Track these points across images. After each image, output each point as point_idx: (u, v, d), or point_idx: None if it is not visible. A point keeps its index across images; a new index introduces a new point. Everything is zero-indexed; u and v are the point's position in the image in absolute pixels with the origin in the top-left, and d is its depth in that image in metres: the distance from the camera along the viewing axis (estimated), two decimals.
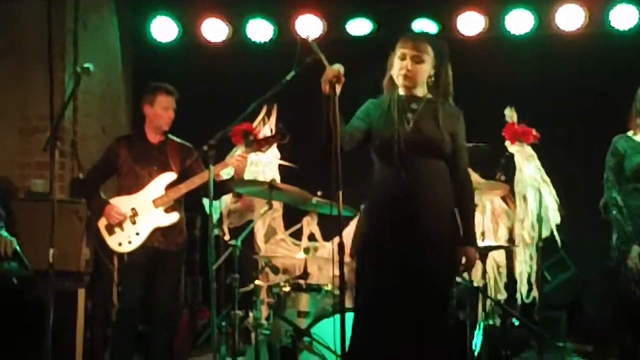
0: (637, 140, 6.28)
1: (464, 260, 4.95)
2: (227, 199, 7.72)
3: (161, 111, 6.89)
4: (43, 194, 7.60)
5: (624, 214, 6.15)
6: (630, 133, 6.33)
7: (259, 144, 6.92)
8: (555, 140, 8.38)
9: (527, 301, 7.79)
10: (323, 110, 4.72)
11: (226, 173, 6.94)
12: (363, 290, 4.97)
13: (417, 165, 4.81)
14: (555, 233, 7.71)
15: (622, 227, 6.15)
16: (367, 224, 5.01)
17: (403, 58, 4.95)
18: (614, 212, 6.19)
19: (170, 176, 6.84)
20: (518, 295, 7.81)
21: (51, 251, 5.63)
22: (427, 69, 4.98)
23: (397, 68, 4.96)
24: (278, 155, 7.66)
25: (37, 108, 8.33)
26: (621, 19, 8.84)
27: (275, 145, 7.06)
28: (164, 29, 9.49)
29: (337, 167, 4.45)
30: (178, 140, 7.05)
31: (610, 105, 8.29)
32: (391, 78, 5.04)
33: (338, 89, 4.62)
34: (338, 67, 4.69)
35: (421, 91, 5.02)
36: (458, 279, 6.96)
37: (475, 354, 6.52)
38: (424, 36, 5.26)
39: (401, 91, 5.01)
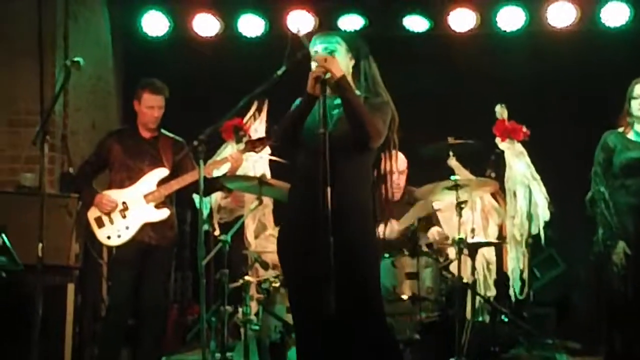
0: (627, 137, 6.30)
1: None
2: (217, 194, 7.71)
3: (146, 109, 6.88)
4: (32, 188, 7.57)
5: (611, 209, 6.17)
6: (621, 129, 6.35)
7: (253, 145, 6.94)
8: (546, 137, 8.40)
9: (520, 298, 7.80)
10: (301, 105, 4.73)
11: (219, 169, 6.94)
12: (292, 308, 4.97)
13: (336, 165, 4.47)
14: (541, 230, 7.72)
15: (608, 221, 6.17)
16: (282, 233, 4.97)
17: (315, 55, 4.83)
18: (602, 206, 6.21)
19: (162, 172, 6.83)
20: (511, 292, 7.81)
21: (40, 245, 5.61)
22: (341, 59, 4.81)
23: (314, 66, 4.75)
24: (268, 150, 7.65)
25: (27, 102, 8.29)
26: (612, 16, 8.86)
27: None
28: (155, 23, 9.46)
29: (325, 164, 4.41)
30: (171, 135, 7.04)
31: (601, 102, 8.32)
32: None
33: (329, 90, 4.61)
34: (325, 56, 4.67)
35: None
36: (447, 275, 6.99)
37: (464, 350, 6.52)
38: (333, 32, 5.13)
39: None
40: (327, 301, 4.27)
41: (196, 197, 7.18)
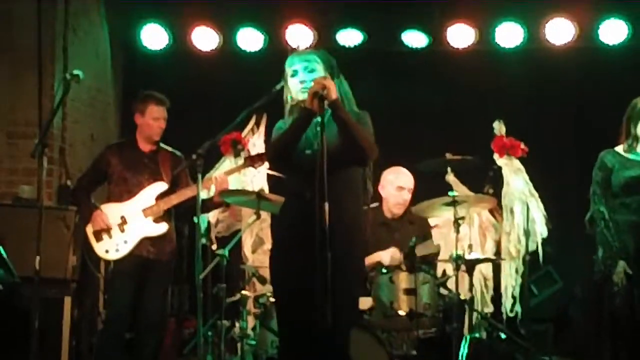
0: (625, 156, 6.29)
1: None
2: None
3: (152, 121, 6.88)
4: (30, 201, 7.57)
5: (611, 229, 6.16)
6: (618, 148, 6.34)
7: (252, 161, 6.94)
8: (544, 154, 8.40)
9: (510, 315, 7.80)
10: (299, 121, 4.73)
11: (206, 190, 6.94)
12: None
13: (327, 181, 4.43)
14: (539, 247, 7.72)
15: (608, 241, 6.16)
16: (274, 250, 4.98)
17: (294, 74, 4.85)
18: (601, 225, 6.20)
19: (161, 186, 6.83)
20: (503, 309, 7.81)
21: (37, 258, 5.61)
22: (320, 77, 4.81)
23: (294, 86, 4.82)
24: (267, 165, 7.65)
25: (26, 114, 8.29)
26: (611, 33, 8.87)
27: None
28: (154, 36, 9.46)
29: (323, 178, 4.41)
30: (170, 149, 7.04)
31: (599, 119, 8.34)
32: (292, 105, 4.87)
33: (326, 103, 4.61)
34: (325, 76, 4.70)
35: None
36: (444, 292, 6.98)
37: None
38: (309, 50, 5.14)
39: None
40: (323, 315, 4.28)
41: None
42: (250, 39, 9.37)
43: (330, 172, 4.48)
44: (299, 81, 4.81)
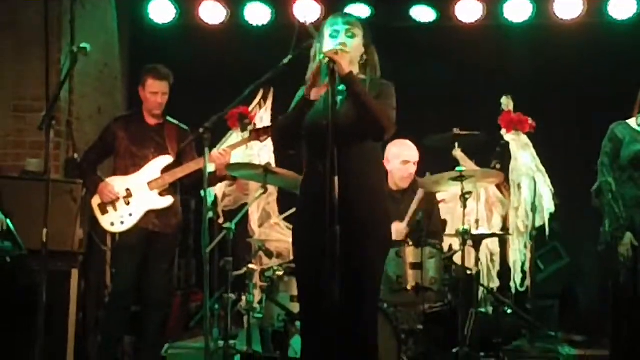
0: (636, 129, 6.17)
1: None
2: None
3: (149, 95, 6.88)
4: (37, 174, 7.57)
5: (618, 200, 6.09)
6: (630, 121, 6.24)
7: (258, 134, 6.93)
8: (552, 129, 8.38)
9: (521, 289, 7.81)
10: (296, 110, 4.75)
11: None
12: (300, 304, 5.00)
13: (344, 154, 4.45)
14: (546, 223, 7.72)
15: (614, 212, 6.09)
16: (295, 227, 4.98)
17: (335, 35, 4.78)
18: (609, 197, 6.11)
19: (166, 159, 6.83)
20: (512, 284, 7.82)
21: (45, 231, 5.62)
22: (359, 45, 4.80)
23: (330, 46, 4.71)
24: None
25: (33, 88, 8.28)
26: (619, 9, 8.83)
27: None
28: (161, 10, 9.44)
29: (333, 151, 4.40)
30: (176, 122, 7.04)
31: (607, 94, 8.31)
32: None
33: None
34: (336, 50, 4.62)
35: (354, 71, 4.77)
36: (451, 266, 6.98)
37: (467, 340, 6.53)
38: (350, 14, 5.09)
39: None
40: (331, 290, 4.28)
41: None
42: (257, 13, 9.34)
43: (348, 145, 4.51)
44: (339, 42, 4.72)
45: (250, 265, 6.80)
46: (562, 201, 7.74)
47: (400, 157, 7.23)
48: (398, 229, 6.88)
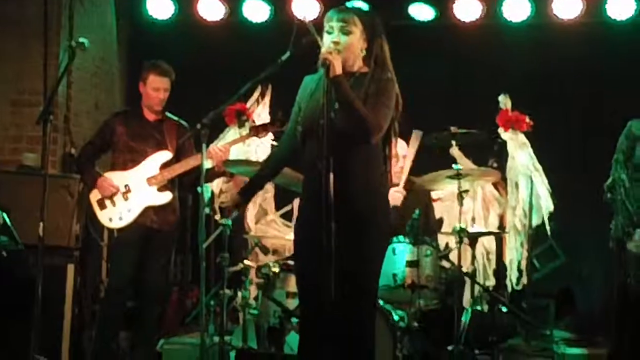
0: None
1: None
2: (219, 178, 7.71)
3: (151, 91, 6.88)
4: (34, 168, 7.59)
5: (630, 197, 6.04)
6: None
7: (256, 131, 6.93)
8: (549, 129, 8.39)
9: (517, 288, 7.82)
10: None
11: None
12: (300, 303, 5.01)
13: (342, 152, 4.50)
14: (546, 221, 7.72)
15: (627, 209, 6.04)
16: (295, 225, 5.02)
17: (330, 32, 4.78)
18: (622, 192, 6.07)
19: (165, 155, 6.83)
20: (508, 282, 7.83)
21: (41, 225, 5.63)
22: (356, 40, 4.78)
23: (326, 43, 4.72)
24: (271, 136, 7.65)
25: (31, 82, 8.30)
26: (618, 9, 8.82)
27: None
28: (160, 6, 9.44)
29: (328, 150, 4.40)
30: (175, 118, 7.04)
31: (605, 95, 8.31)
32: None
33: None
34: (330, 50, 4.63)
35: (356, 65, 4.81)
36: (446, 265, 6.98)
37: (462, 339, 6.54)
38: (351, 9, 5.05)
39: None
40: (326, 286, 4.28)
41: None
42: (256, 10, 9.34)
43: (345, 144, 4.53)
44: (332, 41, 4.72)
45: (246, 262, 6.81)
46: (558, 201, 7.74)
47: None
48: (394, 195, 6.78)
